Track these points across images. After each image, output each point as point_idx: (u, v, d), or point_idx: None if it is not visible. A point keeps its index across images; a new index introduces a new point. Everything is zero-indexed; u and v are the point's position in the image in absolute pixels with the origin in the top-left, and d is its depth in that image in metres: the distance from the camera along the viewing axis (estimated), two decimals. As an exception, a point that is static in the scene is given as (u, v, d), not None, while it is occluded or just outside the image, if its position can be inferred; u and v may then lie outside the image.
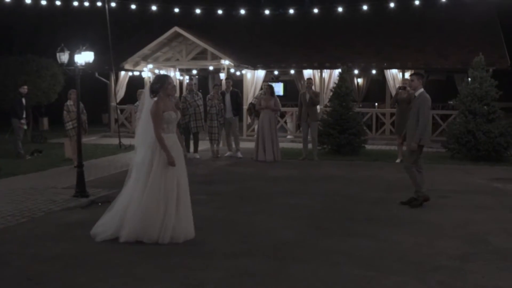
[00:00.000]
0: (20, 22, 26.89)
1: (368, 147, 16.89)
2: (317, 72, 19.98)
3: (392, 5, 19.01)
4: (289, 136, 19.78)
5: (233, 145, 15.43)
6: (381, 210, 8.46)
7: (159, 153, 6.67)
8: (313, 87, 14.77)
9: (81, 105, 13.95)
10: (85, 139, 20.86)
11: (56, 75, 23.76)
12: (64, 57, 10.09)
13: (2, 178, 11.76)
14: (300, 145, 15.69)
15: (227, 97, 15.19)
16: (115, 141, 18.34)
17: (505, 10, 21.91)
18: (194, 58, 19.80)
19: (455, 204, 8.94)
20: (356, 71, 20.63)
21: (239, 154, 15.00)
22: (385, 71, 19.50)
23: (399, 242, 6.66)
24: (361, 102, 26.56)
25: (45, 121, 26.58)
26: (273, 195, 9.74)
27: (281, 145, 15.45)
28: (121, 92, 22.15)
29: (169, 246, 6.54)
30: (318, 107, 18.17)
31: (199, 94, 15.29)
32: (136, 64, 19.09)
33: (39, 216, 8.24)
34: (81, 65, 9.94)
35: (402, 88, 13.60)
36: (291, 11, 19.99)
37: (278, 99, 14.88)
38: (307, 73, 20.04)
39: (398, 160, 13.86)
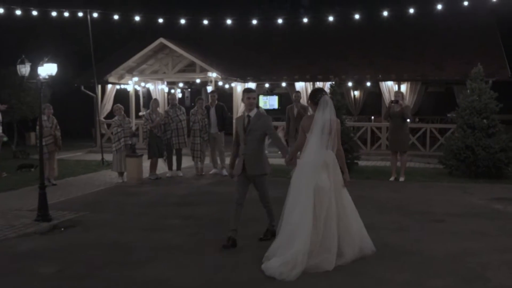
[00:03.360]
0: (5, 35, 26.17)
1: (362, 163, 16.05)
2: (309, 85, 19.15)
3: (387, 14, 18.24)
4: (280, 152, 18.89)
5: (218, 162, 14.61)
6: (369, 237, 7.59)
7: (333, 173, 6.48)
8: (301, 101, 13.90)
9: (55, 120, 13.26)
10: (70, 155, 20.27)
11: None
12: (24, 69, 9.27)
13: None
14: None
15: (212, 112, 14.40)
16: (100, 157, 17.51)
17: (504, 19, 21.16)
18: (182, 71, 19.04)
19: (450, 229, 8.07)
20: (350, 83, 19.80)
21: (224, 172, 14.16)
22: (380, 83, 18.68)
23: (385, 280, 5.82)
24: (357, 115, 25.80)
25: (33, 136, 25.79)
26: (253, 219, 8.86)
27: (271, 161, 14.54)
28: (108, 105, 21.38)
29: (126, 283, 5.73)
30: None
31: (182, 108, 14.50)
32: (121, 77, 18.32)
33: (-11, 245, 7.48)
34: (44, 78, 9.16)
35: (395, 101, 12.78)
36: (283, 21, 19.11)
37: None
38: (299, 85, 19.25)
39: (392, 178, 13.03)
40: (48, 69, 9.11)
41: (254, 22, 19.25)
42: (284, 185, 6.77)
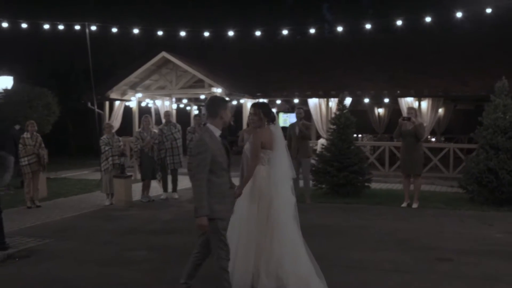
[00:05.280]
0: (19, 50, 25.78)
1: (377, 186, 14.84)
2: (323, 101, 17.91)
3: (406, 27, 16.92)
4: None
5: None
6: (354, 280, 6.33)
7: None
8: (303, 119, 12.63)
9: (39, 138, 12.38)
10: (76, 173, 19.47)
11: (50, 105, 22.43)
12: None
13: None
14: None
15: (210, 129, 13.31)
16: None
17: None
18: (190, 86, 18.06)
19: (457, 271, 6.72)
20: (366, 100, 18.45)
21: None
22: (398, 99, 17.28)
23: None
24: (381, 134, 24.44)
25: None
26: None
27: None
28: (115, 123, 20.42)
29: None
30: (322, 140, 16.25)
31: (177, 125, 13.51)
32: (124, 93, 17.42)
33: None
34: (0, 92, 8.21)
35: (407, 119, 11.47)
36: (295, 34, 17.92)
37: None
38: (313, 102, 18.02)
39: (404, 204, 11.67)
40: (2, 83, 8.13)
41: (266, 35, 18.12)
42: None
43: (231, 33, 17.22)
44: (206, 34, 17.67)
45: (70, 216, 11.07)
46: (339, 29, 16.90)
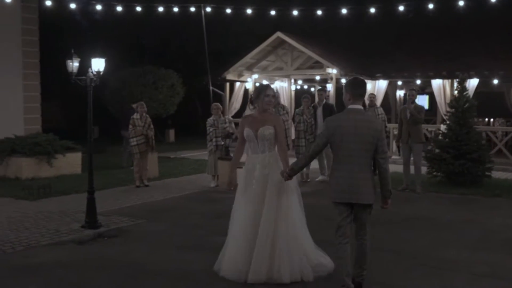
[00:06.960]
0: (151, 34, 26.79)
1: (502, 175, 13.67)
2: (447, 82, 16.62)
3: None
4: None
5: (326, 168, 13.00)
6: (436, 285, 5.61)
7: None
8: (416, 100, 11.73)
9: (148, 119, 12.63)
10: (196, 153, 19.89)
11: (175, 86, 23.15)
12: (72, 65, 8.45)
13: (49, 197, 10.92)
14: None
15: (319, 111, 12.93)
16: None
17: None
18: (310, 67, 17.64)
19: None
20: (495, 81, 16.83)
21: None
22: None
23: None
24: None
25: (171, 133, 26.09)
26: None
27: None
28: (236, 104, 20.57)
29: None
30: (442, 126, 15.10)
31: (286, 107, 13.22)
32: (240, 74, 17.40)
33: (14, 252, 6.98)
34: (93, 74, 8.33)
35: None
36: (416, 11, 16.70)
37: (378, 114, 12.33)
38: (436, 83, 16.79)
39: (526, 198, 10.45)
40: (96, 65, 8.22)
41: (384, 12, 17.09)
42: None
43: (344, 11, 16.46)
44: (319, 12, 17.07)
45: (172, 196, 11.17)
46: (462, 3, 15.46)
